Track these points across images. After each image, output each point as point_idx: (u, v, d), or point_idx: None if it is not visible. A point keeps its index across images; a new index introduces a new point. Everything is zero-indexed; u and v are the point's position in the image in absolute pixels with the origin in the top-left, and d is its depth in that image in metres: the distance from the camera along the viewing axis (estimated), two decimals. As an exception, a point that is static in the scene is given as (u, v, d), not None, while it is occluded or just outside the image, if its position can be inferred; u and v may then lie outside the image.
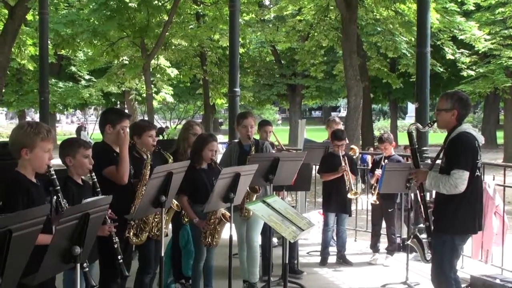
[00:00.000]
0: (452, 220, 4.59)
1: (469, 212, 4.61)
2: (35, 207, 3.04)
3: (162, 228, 4.45)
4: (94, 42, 20.32)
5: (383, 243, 7.82)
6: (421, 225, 5.81)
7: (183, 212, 5.54)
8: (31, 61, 19.79)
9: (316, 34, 20.66)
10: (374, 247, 7.74)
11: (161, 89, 25.69)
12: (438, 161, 4.94)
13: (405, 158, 7.82)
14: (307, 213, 8.76)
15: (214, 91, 25.30)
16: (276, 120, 51.16)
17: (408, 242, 5.74)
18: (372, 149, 15.75)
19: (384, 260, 7.53)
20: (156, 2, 19.55)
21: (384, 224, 7.78)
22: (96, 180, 4.22)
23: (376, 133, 25.60)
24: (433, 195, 5.44)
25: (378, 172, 7.36)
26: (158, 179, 4.18)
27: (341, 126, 8.46)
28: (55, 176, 3.69)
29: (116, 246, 4.13)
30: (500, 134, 28.31)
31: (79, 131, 32.60)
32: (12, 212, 2.70)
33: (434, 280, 4.79)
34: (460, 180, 4.44)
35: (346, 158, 7.32)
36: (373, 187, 7.60)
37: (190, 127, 6.14)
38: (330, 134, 7.75)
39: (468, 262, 6.86)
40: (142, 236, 4.81)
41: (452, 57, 20.15)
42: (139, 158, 5.03)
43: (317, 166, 7.77)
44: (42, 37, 10.95)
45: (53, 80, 27.23)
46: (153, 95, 23.00)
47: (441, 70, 21.00)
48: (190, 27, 21.45)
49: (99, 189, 4.18)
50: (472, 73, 20.45)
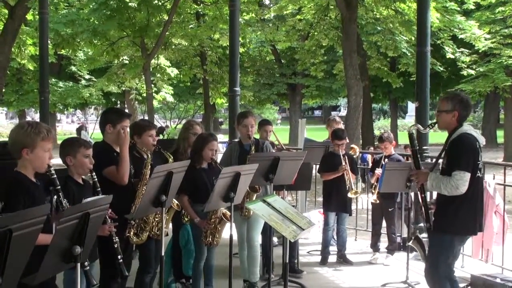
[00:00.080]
0: (453, 221, 4.60)
1: (470, 213, 4.62)
2: (35, 207, 3.04)
3: (163, 228, 4.46)
4: (94, 42, 20.33)
5: (384, 243, 7.82)
6: (421, 224, 5.81)
7: (183, 212, 5.54)
8: (31, 61, 19.78)
9: (316, 34, 20.67)
10: (375, 247, 7.74)
11: (161, 89, 25.69)
12: (440, 162, 4.95)
13: (405, 158, 7.81)
14: (308, 213, 8.75)
15: (214, 91, 25.30)
16: (276, 120, 51.14)
17: (410, 244, 5.75)
18: (372, 149, 15.74)
19: (385, 260, 7.53)
20: (156, 2, 19.54)
21: (385, 224, 7.78)
22: (97, 180, 4.22)
23: (376, 133, 25.58)
24: (434, 196, 5.44)
25: (378, 171, 7.35)
26: (158, 179, 4.18)
27: (342, 126, 8.45)
28: (56, 176, 3.69)
29: (116, 246, 4.12)
30: (500, 133, 28.31)
31: (80, 131, 32.61)
32: (13, 212, 2.70)
33: (428, 278, 4.82)
34: (461, 182, 4.45)
35: (347, 158, 7.31)
36: (373, 186, 7.60)
37: (190, 127, 6.14)
38: (331, 134, 7.75)
39: (469, 261, 6.86)
40: (143, 236, 4.81)
41: (452, 56, 20.15)
42: (139, 158, 5.02)
43: (318, 166, 7.76)
44: (42, 37, 10.95)
45: (53, 80, 27.26)
46: (153, 95, 23.00)
47: (441, 69, 21.01)
48: (190, 27, 21.45)
49: (100, 189, 4.18)
50: (472, 72, 20.45)
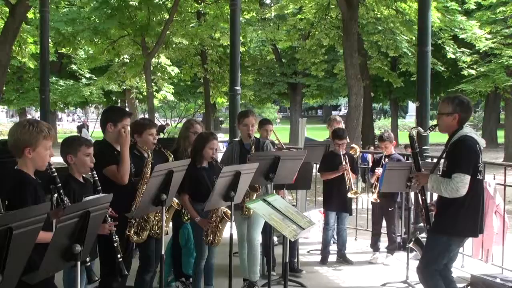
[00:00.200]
0: (452, 223, 4.60)
1: (470, 215, 4.62)
2: (36, 205, 3.04)
3: (163, 227, 4.45)
4: (95, 40, 20.36)
5: (384, 242, 7.82)
6: (421, 225, 5.81)
7: (183, 211, 5.54)
8: (32, 59, 19.78)
9: (317, 33, 20.68)
10: (375, 246, 7.74)
11: (162, 88, 25.70)
12: (441, 163, 4.95)
13: (405, 157, 7.81)
14: (308, 212, 8.75)
15: (215, 90, 25.32)
16: (275, 119, 51.12)
17: (410, 245, 5.75)
18: (373, 148, 15.74)
19: (385, 259, 7.53)
20: (157, 1, 19.58)
21: (385, 223, 7.78)
22: (97, 179, 4.22)
23: (377, 132, 25.59)
24: (434, 198, 5.44)
25: (379, 171, 7.36)
26: (159, 178, 4.17)
27: (342, 125, 8.45)
28: (56, 174, 3.69)
29: (116, 245, 4.12)
30: (501, 133, 28.29)
31: (81, 129, 32.67)
32: (14, 211, 2.70)
33: (419, 276, 4.86)
34: (462, 184, 4.46)
35: (347, 157, 7.31)
36: (374, 186, 7.60)
37: (191, 126, 6.14)
38: (331, 133, 7.75)
39: (469, 261, 6.86)
40: (143, 235, 4.81)
41: (453, 56, 20.16)
42: (140, 157, 5.03)
43: (318, 165, 7.76)
44: (43, 35, 10.94)
45: (54, 78, 27.26)
46: (154, 94, 23.01)
47: (442, 69, 21.02)
48: (191, 26, 21.46)
49: (100, 188, 4.18)
50: (473, 72, 20.46)
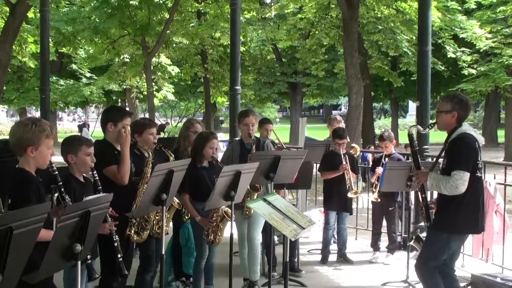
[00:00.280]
0: (452, 220, 4.61)
1: (469, 213, 4.62)
2: (36, 205, 3.04)
3: (163, 226, 4.45)
4: (95, 40, 20.36)
5: (384, 242, 7.82)
6: (422, 224, 5.80)
7: (183, 210, 5.54)
8: (32, 59, 19.77)
9: (317, 33, 20.68)
10: (375, 246, 7.74)
11: (162, 87, 25.71)
12: (440, 161, 4.95)
13: (406, 157, 7.81)
14: (308, 211, 8.75)
15: (215, 89, 25.32)
16: (275, 118, 51.11)
17: (410, 243, 5.75)
18: (373, 148, 15.74)
19: (385, 259, 7.53)
20: (157, 0, 19.55)
21: (385, 223, 7.78)
22: (98, 178, 4.22)
23: (377, 132, 25.58)
24: (435, 196, 5.44)
25: (379, 170, 7.36)
26: (159, 177, 4.17)
27: (342, 124, 8.45)
28: (57, 172, 3.70)
29: (116, 245, 4.12)
30: (501, 133, 28.28)
31: (82, 128, 32.70)
32: (14, 210, 2.70)
33: (417, 272, 4.87)
34: (461, 181, 4.46)
35: (347, 157, 7.30)
36: (374, 185, 7.60)
37: (191, 125, 6.14)
38: (331, 132, 7.75)
39: (469, 261, 6.86)
40: (143, 234, 4.81)
41: (453, 56, 20.16)
42: (140, 156, 5.03)
43: (318, 164, 7.76)
44: (43, 35, 10.95)
45: (54, 78, 27.24)
46: (154, 93, 23.02)
47: (442, 69, 21.02)
48: (191, 25, 21.45)
49: (101, 187, 4.18)
50: (473, 72, 20.46)
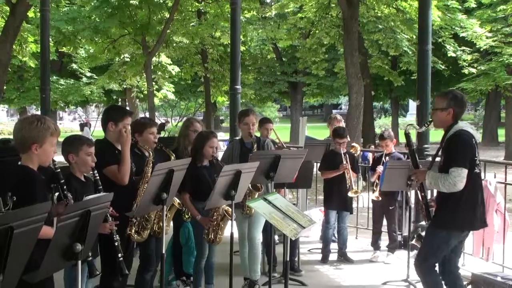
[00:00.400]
0: (452, 217, 4.61)
1: (469, 209, 4.62)
2: (36, 204, 3.04)
3: (164, 226, 4.45)
4: (96, 39, 20.34)
5: (384, 241, 7.82)
6: (422, 223, 5.81)
7: (184, 209, 5.54)
8: (33, 58, 19.76)
9: (318, 32, 20.67)
10: (375, 245, 7.74)
11: (162, 87, 25.69)
12: (438, 159, 4.95)
13: (406, 156, 7.80)
14: (308, 211, 8.75)
15: (215, 89, 25.31)
16: (275, 118, 51.01)
17: (412, 242, 5.76)
18: (373, 147, 15.74)
19: (385, 258, 7.53)
20: (157, 0, 19.54)
21: (385, 222, 7.78)
22: (98, 178, 4.22)
23: (377, 131, 25.58)
24: (435, 194, 5.44)
25: (380, 169, 7.37)
26: (159, 177, 4.18)
27: (342, 124, 8.45)
28: (59, 170, 3.71)
29: (117, 244, 4.13)
30: (502, 132, 28.27)
31: (83, 127, 32.75)
32: (15, 210, 2.70)
33: (417, 269, 4.87)
34: (459, 178, 4.46)
35: (348, 156, 7.31)
36: (375, 184, 7.60)
37: (190, 124, 6.14)
38: (332, 132, 7.75)
39: (469, 260, 6.86)
40: (144, 234, 4.82)
41: (454, 55, 20.13)
42: (141, 156, 5.02)
43: (319, 164, 7.76)
44: (44, 34, 10.95)
45: (54, 77, 27.21)
46: (154, 93, 23.01)
47: (443, 68, 21.00)
48: (192, 25, 21.44)
49: (101, 187, 4.18)
50: (474, 71, 20.44)
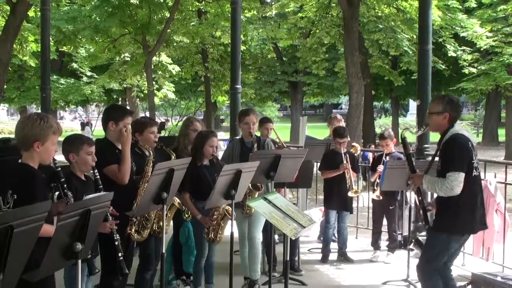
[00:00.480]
0: (452, 221, 4.59)
1: (469, 212, 4.61)
2: (36, 204, 3.04)
3: (164, 225, 4.45)
4: (96, 39, 20.35)
5: (384, 241, 7.83)
6: (421, 223, 5.80)
7: (184, 209, 5.54)
8: (33, 58, 19.76)
9: (318, 31, 20.65)
10: (375, 245, 7.74)
11: (163, 86, 25.68)
12: (437, 160, 4.94)
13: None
14: (308, 210, 8.75)
15: (216, 88, 25.31)
16: (276, 117, 50.91)
17: (410, 246, 5.75)
18: (373, 147, 15.73)
19: (385, 258, 7.53)
20: (158, -1, 19.55)
21: (385, 222, 7.78)
22: (99, 177, 4.22)
23: (378, 131, 25.57)
24: (435, 195, 5.44)
25: (380, 168, 7.37)
26: (160, 176, 4.18)
27: (342, 123, 8.45)
28: (60, 168, 3.71)
29: (117, 243, 4.13)
30: (502, 132, 28.27)
31: (84, 126, 32.77)
32: (32, 204, 2.71)
33: (419, 273, 4.86)
34: (456, 182, 4.45)
35: (348, 156, 7.31)
36: (376, 183, 7.60)
37: (190, 124, 6.14)
38: (332, 131, 7.75)
39: (469, 260, 6.86)
40: (144, 233, 4.82)
41: (454, 55, 20.12)
42: (141, 155, 5.03)
43: (319, 163, 7.76)
44: (44, 34, 10.95)
45: (55, 77, 27.21)
46: (155, 92, 23.00)
47: (443, 68, 21.01)
48: (192, 24, 21.44)
49: (101, 186, 4.18)
50: (474, 71, 20.44)
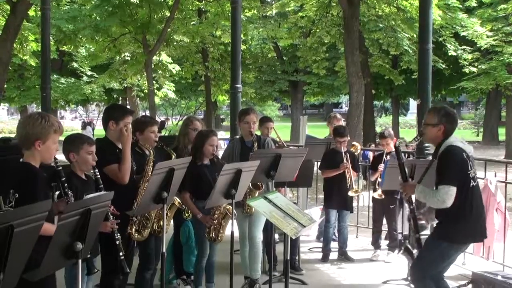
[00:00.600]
0: (453, 230, 4.56)
1: (469, 223, 4.58)
2: (37, 203, 3.04)
3: (164, 225, 4.45)
4: (96, 38, 20.33)
5: (384, 240, 7.83)
6: (422, 222, 5.79)
7: (184, 208, 5.54)
8: (33, 57, 19.75)
9: (318, 31, 20.64)
10: (376, 244, 7.74)
11: (163, 85, 25.66)
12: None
13: (407, 155, 7.80)
14: (309, 210, 8.75)
15: (216, 88, 25.29)
16: (275, 116, 50.89)
17: (399, 254, 5.73)
18: (374, 146, 15.73)
19: (386, 257, 7.54)
20: (158, -2, 19.53)
21: (385, 221, 7.78)
22: (99, 176, 4.22)
23: (378, 130, 25.56)
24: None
25: (382, 167, 7.38)
26: (160, 175, 4.18)
27: (342, 122, 8.45)
28: (61, 167, 3.72)
29: (118, 243, 4.13)
30: (502, 131, 28.27)
31: (85, 126, 32.74)
32: (33, 203, 2.72)
33: (412, 276, 4.86)
34: (447, 196, 4.42)
35: (348, 155, 7.31)
36: (377, 183, 7.60)
37: (190, 123, 6.15)
38: (332, 131, 7.75)
39: (470, 259, 6.87)
40: (144, 233, 4.82)
41: (454, 54, 20.11)
42: (142, 154, 5.03)
43: (319, 163, 7.76)
44: (44, 33, 10.94)
45: (55, 76, 27.19)
46: (155, 91, 22.99)
47: (443, 67, 20.99)
48: (192, 23, 21.43)
49: (102, 185, 4.18)
50: (474, 70, 20.43)
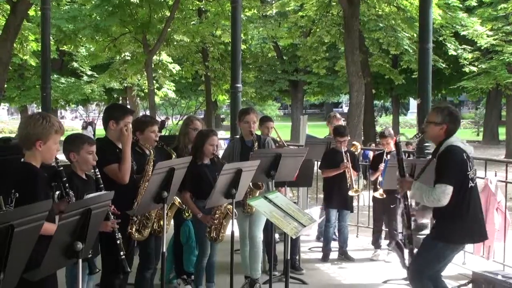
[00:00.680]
0: (450, 230, 4.56)
1: (467, 224, 4.58)
2: (37, 203, 3.04)
3: (164, 225, 4.45)
4: (96, 38, 20.35)
5: (385, 239, 7.82)
6: (424, 221, 5.79)
7: (184, 208, 5.54)
8: (33, 57, 19.77)
9: (318, 30, 20.64)
10: (376, 243, 7.74)
11: (163, 85, 25.68)
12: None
13: (407, 155, 7.81)
14: (309, 209, 8.75)
15: (216, 87, 25.30)
16: (275, 116, 50.89)
17: (390, 249, 5.73)
18: (374, 145, 15.73)
19: (386, 256, 7.54)
20: (158, -2, 19.54)
21: (386, 220, 7.78)
22: (100, 176, 4.22)
23: (378, 129, 25.56)
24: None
25: (382, 166, 7.39)
26: (160, 175, 4.18)
27: (342, 122, 8.45)
28: (62, 167, 3.72)
29: (119, 242, 4.14)
30: (502, 130, 28.28)
31: (86, 126, 32.75)
32: (34, 203, 2.72)
33: (410, 276, 4.85)
34: (443, 195, 4.41)
35: (348, 155, 7.31)
36: (378, 182, 7.60)
37: (190, 122, 6.15)
38: (332, 130, 7.75)
39: (470, 258, 6.87)
40: (145, 232, 4.82)
41: (455, 53, 20.13)
42: (142, 154, 5.03)
43: (319, 162, 7.76)
44: (44, 33, 10.94)
45: (55, 76, 27.21)
46: (155, 91, 23.00)
47: (444, 66, 20.99)
48: (192, 23, 21.44)
49: (102, 185, 4.18)
50: (474, 69, 20.44)
